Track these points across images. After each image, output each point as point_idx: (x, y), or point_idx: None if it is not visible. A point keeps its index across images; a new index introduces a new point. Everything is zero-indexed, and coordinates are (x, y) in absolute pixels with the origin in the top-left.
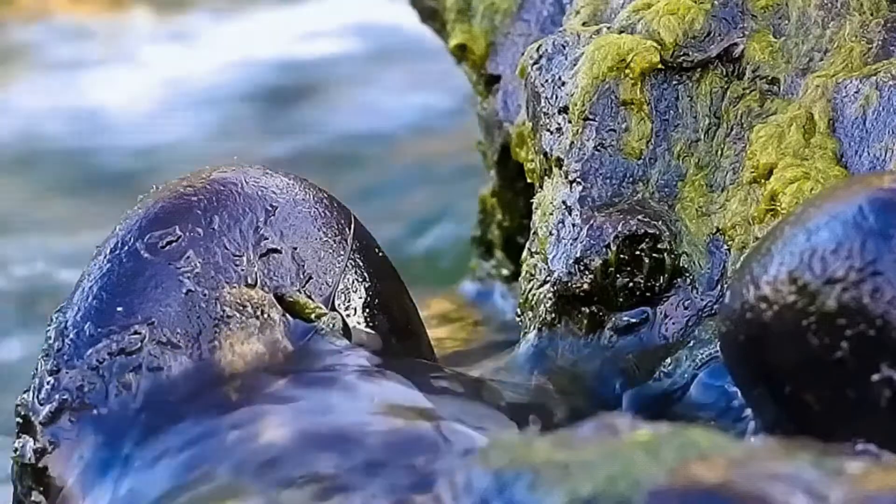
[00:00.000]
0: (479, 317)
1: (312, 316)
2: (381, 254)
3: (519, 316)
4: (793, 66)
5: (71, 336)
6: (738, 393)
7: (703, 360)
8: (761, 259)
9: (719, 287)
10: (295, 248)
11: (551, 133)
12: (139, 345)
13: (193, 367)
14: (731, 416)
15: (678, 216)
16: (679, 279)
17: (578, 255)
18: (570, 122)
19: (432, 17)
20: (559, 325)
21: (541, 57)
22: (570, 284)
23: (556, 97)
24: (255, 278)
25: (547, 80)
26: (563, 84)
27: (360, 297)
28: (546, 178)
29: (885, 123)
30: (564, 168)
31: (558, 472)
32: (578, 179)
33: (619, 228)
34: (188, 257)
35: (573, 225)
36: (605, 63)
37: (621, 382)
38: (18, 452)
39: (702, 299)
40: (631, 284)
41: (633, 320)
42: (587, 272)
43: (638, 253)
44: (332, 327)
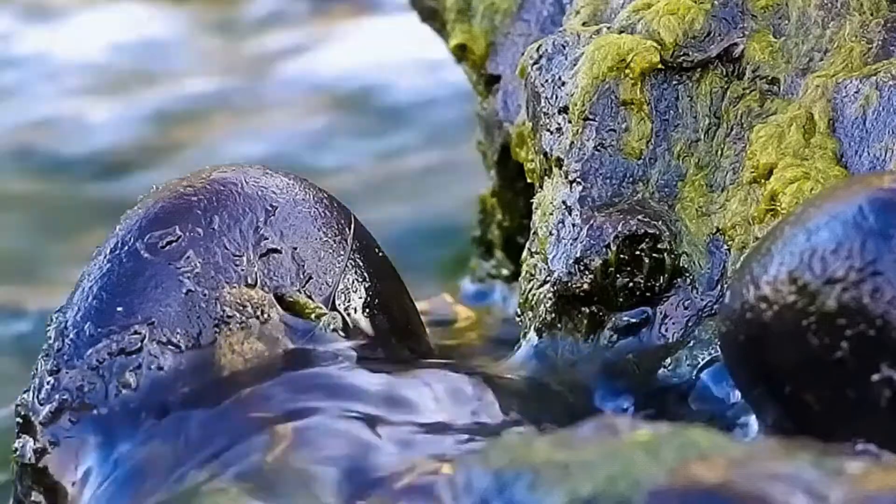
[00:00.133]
0: (479, 317)
1: (312, 316)
2: (381, 254)
3: (519, 316)
4: (793, 66)
5: (71, 336)
6: (738, 393)
7: (703, 360)
8: (761, 259)
9: (719, 287)
10: (295, 248)
11: (551, 133)
12: (139, 345)
13: (193, 367)
14: (731, 416)
15: (678, 216)
16: (679, 279)
17: (578, 255)
18: (570, 122)
19: (432, 17)
20: (559, 325)
21: (541, 57)
22: (570, 284)
23: (556, 97)
24: (255, 278)
25: (547, 80)
26: (563, 84)
27: (360, 297)
28: (546, 178)
29: (885, 123)
30: (564, 168)
31: (558, 472)
32: (578, 179)
33: (619, 228)
34: (188, 257)
35: (573, 225)
36: (605, 63)
37: (621, 382)
38: (18, 452)
39: (702, 299)
40: (631, 284)
41: (633, 320)
42: (587, 272)
43: (638, 253)
44: (332, 327)
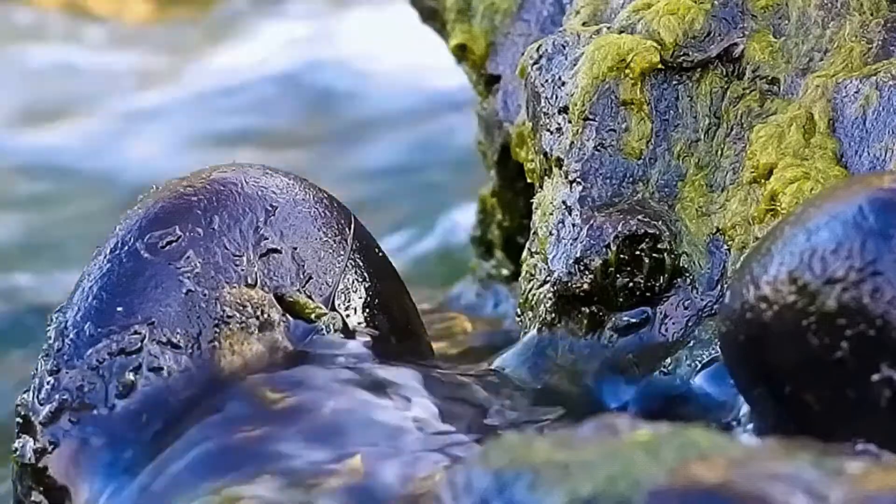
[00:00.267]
0: (480, 317)
1: (312, 316)
2: (381, 254)
3: (519, 316)
4: (793, 66)
5: (71, 336)
6: (738, 393)
7: (703, 360)
8: (761, 259)
9: (719, 287)
10: (295, 248)
11: (551, 133)
12: (139, 345)
13: (193, 367)
14: (731, 416)
15: (678, 216)
16: (679, 279)
17: (578, 255)
18: (570, 122)
19: (432, 17)
20: (559, 325)
21: (541, 57)
22: (570, 284)
23: (556, 97)
24: (255, 278)
25: (547, 80)
26: (563, 84)
27: (360, 297)
28: (546, 178)
29: (885, 123)
30: (564, 168)
31: (558, 472)
32: (578, 179)
33: (619, 228)
34: (188, 257)
35: (573, 225)
36: (605, 63)
37: (621, 382)
38: (18, 452)
39: (702, 299)
40: (631, 284)
41: (633, 320)
42: (587, 272)
43: (638, 253)
44: (332, 327)
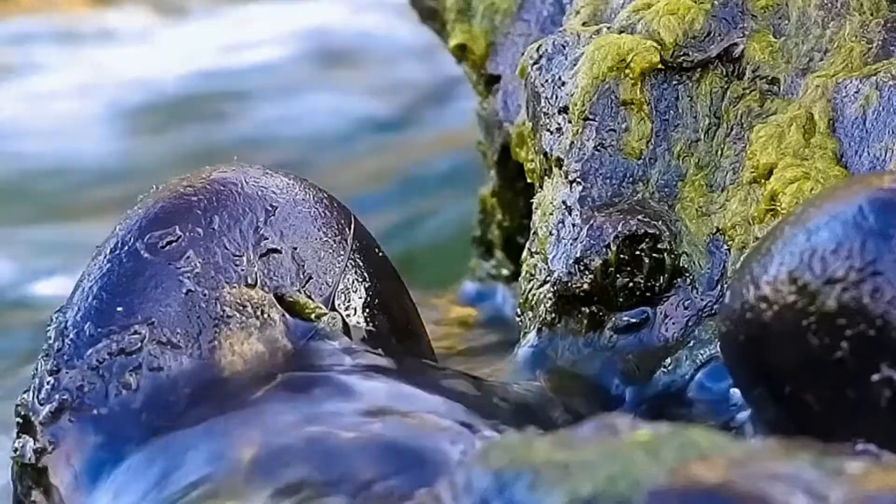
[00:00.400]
0: (479, 317)
1: (312, 316)
2: (381, 254)
3: (519, 316)
4: (793, 66)
5: (71, 336)
6: (738, 393)
7: (703, 360)
8: (761, 259)
9: (719, 287)
10: (295, 248)
11: (551, 133)
12: (139, 345)
13: (193, 367)
14: (731, 416)
15: (678, 216)
16: (679, 279)
17: (578, 255)
18: (570, 122)
19: (432, 17)
20: (559, 325)
21: (541, 57)
22: (570, 284)
23: (556, 97)
24: (255, 278)
25: (547, 80)
26: (563, 84)
27: (360, 297)
28: (546, 178)
29: (885, 123)
30: (564, 168)
31: (558, 472)
32: (578, 179)
33: (619, 228)
34: (188, 257)
35: (573, 225)
36: (605, 63)
37: (621, 382)
38: (18, 452)
39: (702, 299)
40: (631, 284)
41: (633, 320)
42: (587, 272)
43: (638, 253)
44: (332, 327)
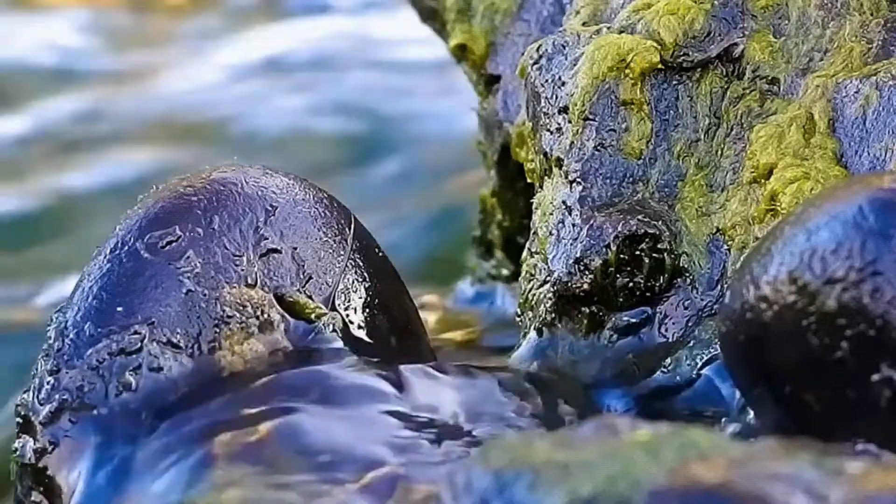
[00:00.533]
0: (479, 317)
1: (312, 316)
2: (381, 254)
3: (519, 316)
4: (793, 66)
5: (71, 336)
6: (738, 393)
7: (703, 360)
8: (761, 259)
9: (719, 287)
10: (295, 248)
11: (551, 133)
12: (139, 345)
13: (193, 367)
14: (731, 416)
15: (678, 216)
16: (679, 279)
17: (578, 255)
18: (570, 122)
19: (432, 17)
20: (559, 325)
21: (541, 57)
22: (570, 284)
23: (556, 97)
24: (255, 278)
25: (547, 80)
26: (563, 84)
27: (360, 297)
28: (546, 178)
29: (885, 123)
30: (564, 168)
31: (558, 472)
32: (578, 179)
33: (619, 228)
34: (188, 257)
35: (573, 225)
36: (605, 63)
37: (621, 382)
38: (18, 452)
39: (702, 299)
40: (631, 284)
41: (633, 320)
42: (587, 272)
43: (638, 253)
44: (332, 327)
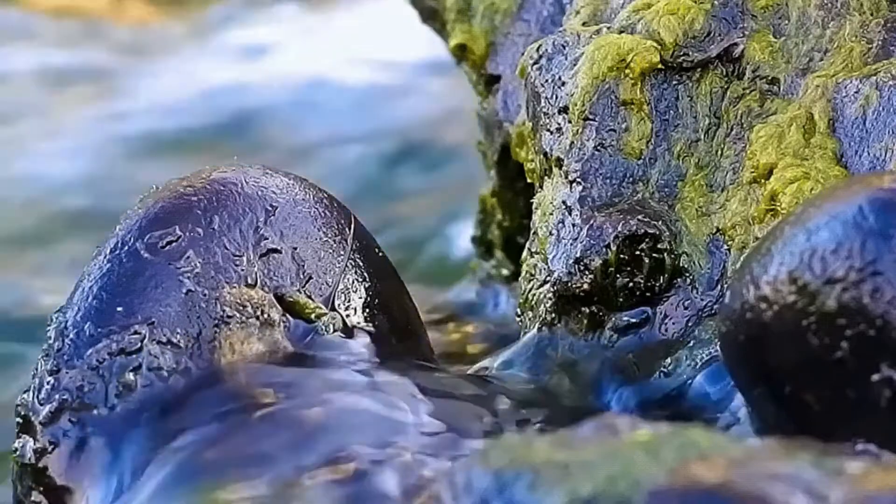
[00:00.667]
0: (480, 317)
1: (312, 316)
2: (381, 254)
3: (519, 316)
4: (793, 66)
5: (71, 336)
6: (738, 393)
7: (703, 360)
8: (761, 259)
9: (719, 287)
10: (295, 248)
11: (551, 133)
12: (139, 345)
13: (193, 367)
14: (731, 416)
15: (678, 216)
16: (679, 279)
17: (578, 255)
18: (570, 122)
19: (432, 17)
20: (559, 325)
21: (541, 57)
22: (570, 284)
23: (556, 97)
24: (255, 278)
25: (547, 80)
26: (563, 84)
27: (360, 297)
28: (546, 178)
29: (885, 123)
30: (564, 168)
31: (558, 472)
32: (578, 179)
33: (619, 228)
34: (188, 257)
35: (573, 225)
36: (605, 63)
37: (621, 382)
38: (18, 452)
39: (702, 299)
40: (631, 284)
41: (633, 320)
42: (587, 272)
43: (638, 253)
44: (332, 327)
